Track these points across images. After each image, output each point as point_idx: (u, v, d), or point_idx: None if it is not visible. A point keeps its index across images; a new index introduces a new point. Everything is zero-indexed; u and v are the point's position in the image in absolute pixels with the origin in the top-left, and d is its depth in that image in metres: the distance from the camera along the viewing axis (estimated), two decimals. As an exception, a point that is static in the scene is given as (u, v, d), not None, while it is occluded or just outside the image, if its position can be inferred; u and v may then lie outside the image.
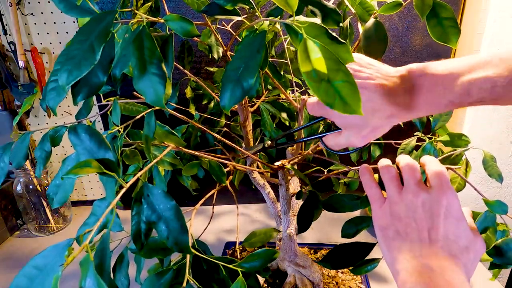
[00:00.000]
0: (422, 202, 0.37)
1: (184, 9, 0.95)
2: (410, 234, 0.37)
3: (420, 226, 0.36)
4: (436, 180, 0.38)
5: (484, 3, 0.88)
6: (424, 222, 0.36)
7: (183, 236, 0.36)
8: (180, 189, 0.83)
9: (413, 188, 0.38)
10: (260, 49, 0.33)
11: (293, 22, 0.31)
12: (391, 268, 0.37)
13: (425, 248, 0.35)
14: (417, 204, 0.37)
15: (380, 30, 0.44)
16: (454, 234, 0.36)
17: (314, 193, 0.59)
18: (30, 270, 0.25)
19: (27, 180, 1.02)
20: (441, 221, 0.36)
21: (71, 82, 0.32)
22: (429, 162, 0.40)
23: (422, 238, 0.36)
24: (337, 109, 0.31)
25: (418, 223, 0.36)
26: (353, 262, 0.48)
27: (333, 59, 0.30)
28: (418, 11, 0.43)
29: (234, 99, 0.34)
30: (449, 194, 0.37)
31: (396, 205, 0.38)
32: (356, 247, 0.48)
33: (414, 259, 0.35)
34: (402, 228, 0.37)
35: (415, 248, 0.36)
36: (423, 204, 0.37)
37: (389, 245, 0.38)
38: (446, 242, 0.35)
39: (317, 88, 0.30)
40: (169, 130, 0.49)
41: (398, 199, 0.38)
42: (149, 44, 0.34)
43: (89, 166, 0.30)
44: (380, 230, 0.39)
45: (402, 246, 0.36)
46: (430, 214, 0.36)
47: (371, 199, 0.41)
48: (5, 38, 1.00)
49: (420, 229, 0.36)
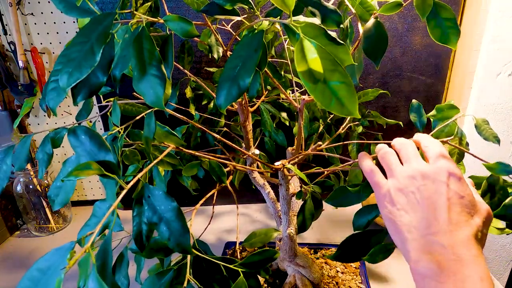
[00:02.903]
0: (423, 175, 0.36)
1: (184, 9, 0.95)
2: (415, 209, 0.36)
3: (424, 199, 0.35)
4: (432, 152, 0.37)
5: (484, 3, 0.88)
6: (427, 194, 0.35)
7: (185, 237, 0.36)
8: (180, 189, 0.83)
9: (412, 162, 0.37)
10: (258, 48, 0.33)
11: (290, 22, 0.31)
12: (403, 250, 0.36)
13: (432, 223, 0.34)
14: (418, 177, 0.36)
15: (381, 30, 0.44)
16: (460, 204, 0.35)
17: (314, 193, 0.59)
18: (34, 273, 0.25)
19: (27, 180, 1.03)
20: (444, 191, 0.35)
21: (71, 84, 0.32)
22: (423, 139, 0.40)
23: (428, 212, 0.35)
24: (333, 110, 0.31)
25: (422, 195, 0.35)
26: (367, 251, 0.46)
27: (330, 59, 0.30)
28: (419, 11, 0.43)
29: (230, 98, 0.34)
30: (448, 164, 0.36)
31: (397, 181, 0.37)
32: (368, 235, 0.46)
33: (423, 238, 0.34)
34: (407, 204, 0.36)
35: (422, 225, 0.35)
36: (424, 176, 0.36)
37: (397, 227, 0.37)
38: (453, 213, 0.34)
39: (313, 89, 0.30)
40: (169, 130, 0.49)
41: (399, 175, 0.38)
42: (148, 46, 0.34)
43: (89, 168, 0.30)
44: (386, 214, 0.38)
45: (409, 225, 0.35)
46: (432, 185, 0.35)
47: (373, 183, 0.41)
48: (5, 38, 1.00)
49: (425, 202, 0.35)
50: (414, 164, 0.37)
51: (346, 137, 0.77)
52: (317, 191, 0.59)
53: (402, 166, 0.38)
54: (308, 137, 0.75)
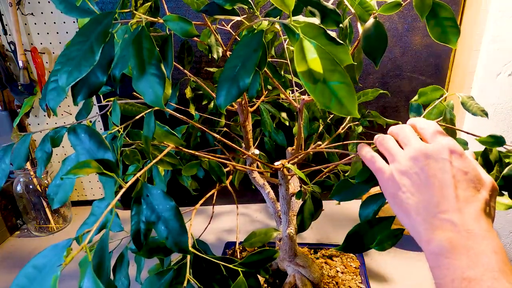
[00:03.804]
0: (425, 154, 0.36)
1: (184, 9, 0.95)
2: (421, 189, 0.35)
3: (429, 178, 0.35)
4: (430, 132, 0.37)
5: (484, 3, 0.88)
6: (432, 173, 0.35)
7: (183, 237, 0.36)
8: (180, 189, 0.83)
9: (411, 144, 0.37)
10: (257, 48, 0.33)
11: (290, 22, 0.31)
12: (413, 232, 0.36)
13: (440, 202, 0.34)
14: (420, 158, 0.36)
15: (380, 30, 0.44)
16: (465, 180, 0.34)
17: (314, 193, 0.59)
18: (30, 270, 0.25)
19: (27, 180, 1.03)
20: (448, 169, 0.35)
21: (70, 83, 0.32)
22: (418, 121, 0.40)
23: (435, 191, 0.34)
24: (333, 110, 0.31)
25: (426, 175, 0.35)
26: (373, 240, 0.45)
27: (329, 59, 0.30)
28: (418, 11, 0.43)
29: (230, 98, 0.34)
30: (448, 141, 0.36)
31: (400, 164, 0.37)
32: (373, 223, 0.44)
33: (432, 217, 0.34)
34: (412, 185, 0.36)
35: (430, 204, 0.34)
36: (426, 156, 0.36)
37: (405, 210, 0.36)
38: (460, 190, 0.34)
39: (313, 89, 0.30)
40: (168, 130, 0.49)
41: (400, 158, 0.37)
42: (148, 45, 0.34)
43: (88, 167, 0.30)
44: (392, 198, 0.38)
45: (417, 206, 0.35)
46: (436, 164, 0.35)
47: (375, 170, 0.40)
48: (5, 38, 1.00)
49: (430, 182, 0.35)
50: (414, 145, 0.37)
51: (346, 137, 0.77)
52: (317, 191, 0.59)
53: (402, 149, 0.38)
54: (308, 137, 0.75)
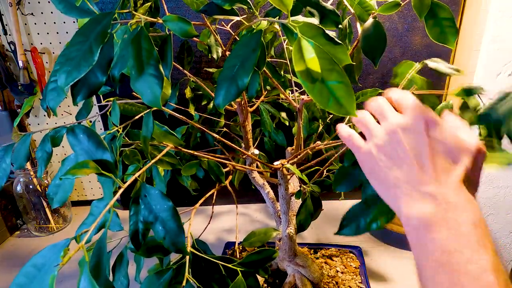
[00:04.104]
0: (402, 127, 0.35)
1: (184, 9, 0.95)
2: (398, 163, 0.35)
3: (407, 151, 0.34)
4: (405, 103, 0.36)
5: (484, 3, 0.88)
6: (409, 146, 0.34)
7: (180, 237, 0.36)
8: (180, 189, 0.83)
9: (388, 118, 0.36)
10: (256, 48, 0.33)
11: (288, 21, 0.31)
12: (394, 207, 0.35)
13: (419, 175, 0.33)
14: (398, 131, 0.35)
15: (379, 30, 0.44)
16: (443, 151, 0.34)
17: (313, 193, 0.59)
18: (29, 269, 0.25)
19: (27, 180, 1.03)
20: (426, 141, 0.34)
21: (69, 83, 0.32)
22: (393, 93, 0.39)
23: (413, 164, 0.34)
24: (331, 110, 0.31)
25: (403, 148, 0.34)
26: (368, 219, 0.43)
27: (327, 59, 0.30)
28: (416, 11, 0.43)
29: (228, 97, 0.34)
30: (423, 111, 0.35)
31: (377, 139, 0.36)
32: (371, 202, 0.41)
33: (412, 191, 0.33)
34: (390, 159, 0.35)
35: (409, 178, 0.34)
36: (403, 129, 0.35)
37: (384, 184, 0.36)
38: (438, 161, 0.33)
39: (311, 88, 0.30)
40: (167, 130, 0.49)
41: (378, 133, 0.37)
42: (146, 45, 0.34)
43: (86, 167, 0.30)
44: (371, 174, 0.37)
45: (396, 180, 0.35)
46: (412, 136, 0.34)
47: (353, 148, 0.39)
48: (5, 38, 1.00)
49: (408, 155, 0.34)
50: (390, 119, 0.36)
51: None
52: (316, 191, 0.59)
53: (379, 124, 0.38)
54: (307, 137, 0.75)
